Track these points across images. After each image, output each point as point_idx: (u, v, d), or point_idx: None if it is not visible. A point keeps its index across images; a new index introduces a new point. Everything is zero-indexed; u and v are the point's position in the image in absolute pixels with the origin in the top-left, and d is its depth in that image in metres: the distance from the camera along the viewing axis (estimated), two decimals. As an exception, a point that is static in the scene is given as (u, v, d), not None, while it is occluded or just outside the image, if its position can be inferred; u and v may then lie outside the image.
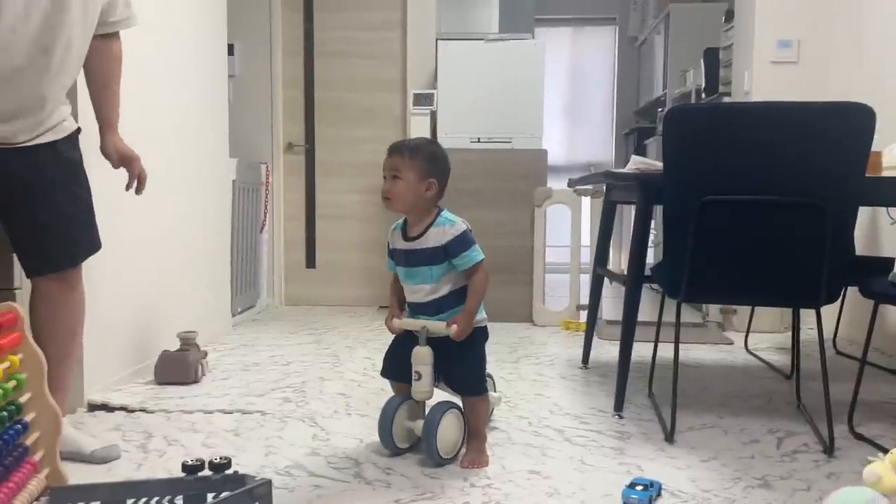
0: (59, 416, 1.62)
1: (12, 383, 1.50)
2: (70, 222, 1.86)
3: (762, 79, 3.81)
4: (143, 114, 2.69)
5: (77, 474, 1.71)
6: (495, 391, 2.24)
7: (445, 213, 1.90)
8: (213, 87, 3.36)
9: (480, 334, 1.93)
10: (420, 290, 1.89)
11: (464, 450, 1.90)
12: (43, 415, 1.59)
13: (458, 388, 1.90)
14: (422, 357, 1.85)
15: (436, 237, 1.85)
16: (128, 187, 2.02)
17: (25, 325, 1.57)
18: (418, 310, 1.92)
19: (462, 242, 1.84)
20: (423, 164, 1.85)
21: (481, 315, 1.93)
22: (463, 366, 1.88)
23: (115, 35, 1.95)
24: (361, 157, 4.44)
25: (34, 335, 1.83)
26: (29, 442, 1.54)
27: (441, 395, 1.94)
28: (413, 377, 1.86)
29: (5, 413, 1.47)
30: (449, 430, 1.86)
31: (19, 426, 1.51)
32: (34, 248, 1.83)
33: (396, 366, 1.95)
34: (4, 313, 1.53)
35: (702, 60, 4.84)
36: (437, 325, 1.85)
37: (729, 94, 4.35)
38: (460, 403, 1.92)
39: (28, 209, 1.80)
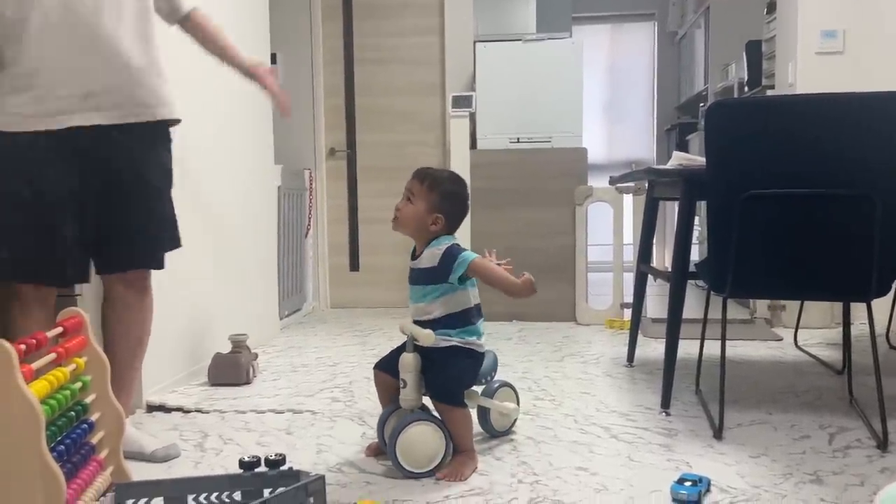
0: (122, 416, 1.69)
1: (78, 384, 1.57)
2: (161, 224, 1.91)
3: (807, 70, 3.74)
4: (192, 124, 2.76)
5: (139, 472, 1.78)
6: (518, 403, 2.14)
7: (442, 237, 1.89)
8: (257, 97, 3.43)
9: (466, 353, 1.88)
10: (414, 309, 1.90)
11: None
12: (107, 415, 1.66)
13: (430, 393, 1.86)
14: (407, 364, 1.84)
15: (429, 259, 1.86)
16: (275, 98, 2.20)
17: (89, 328, 1.64)
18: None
19: (449, 256, 1.83)
20: (436, 198, 1.86)
21: (472, 337, 1.88)
22: (440, 373, 1.84)
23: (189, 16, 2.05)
24: (402, 161, 4.47)
25: (104, 339, 1.91)
26: (95, 440, 1.61)
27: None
28: (400, 384, 1.85)
29: (73, 413, 1.54)
30: (417, 442, 1.80)
31: (85, 426, 1.58)
32: (119, 246, 1.86)
33: (387, 358, 1.95)
34: (69, 318, 1.60)
35: (744, 53, 4.76)
36: (419, 332, 1.83)
37: (773, 87, 4.27)
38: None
39: (121, 206, 1.83)
